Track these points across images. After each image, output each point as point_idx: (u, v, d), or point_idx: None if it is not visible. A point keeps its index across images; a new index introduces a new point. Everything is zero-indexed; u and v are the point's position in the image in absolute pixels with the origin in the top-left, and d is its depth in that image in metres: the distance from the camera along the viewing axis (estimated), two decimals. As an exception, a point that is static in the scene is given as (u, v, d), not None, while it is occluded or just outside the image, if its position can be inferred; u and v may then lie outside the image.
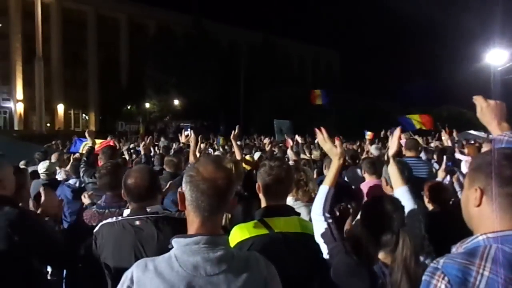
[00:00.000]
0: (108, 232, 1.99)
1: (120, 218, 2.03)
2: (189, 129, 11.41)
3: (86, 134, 4.91)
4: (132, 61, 42.87)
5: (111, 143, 5.32)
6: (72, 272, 3.04)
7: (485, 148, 5.88)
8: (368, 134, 11.81)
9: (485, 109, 1.66)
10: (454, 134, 8.82)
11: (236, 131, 4.64)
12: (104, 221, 2.06)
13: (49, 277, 3.50)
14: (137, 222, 1.97)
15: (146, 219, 1.98)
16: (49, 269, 3.57)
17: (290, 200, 2.74)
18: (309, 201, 3.00)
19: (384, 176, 3.05)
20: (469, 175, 1.26)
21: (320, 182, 3.36)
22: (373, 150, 7.20)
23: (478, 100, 1.69)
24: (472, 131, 15.10)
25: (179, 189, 1.37)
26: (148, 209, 2.03)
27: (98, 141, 5.51)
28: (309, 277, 1.94)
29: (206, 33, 39.61)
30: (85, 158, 4.35)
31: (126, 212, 2.06)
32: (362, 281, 1.65)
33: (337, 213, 3.51)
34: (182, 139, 6.13)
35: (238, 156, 4.37)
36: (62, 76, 40.48)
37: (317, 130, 2.10)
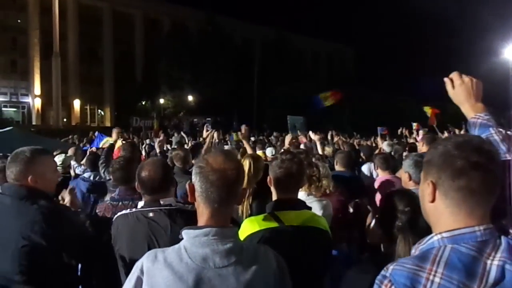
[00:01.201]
0: (122, 223, 2.03)
1: (134, 209, 2.06)
2: (209, 125, 11.46)
3: (113, 131, 4.97)
4: (147, 57, 43.19)
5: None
6: (89, 265, 3.10)
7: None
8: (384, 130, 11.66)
9: (458, 87, 1.46)
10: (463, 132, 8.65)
11: (243, 131, 4.64)
12: (119, 213, 2.10)
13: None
14: (151, 214, 1.99)
15: (160, 210, 2.00)
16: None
17: (303, 195, 2.73)
18: (322, 196, 3.00)
19: (407, 170, 2.98)
20: (423, 168, 1.13)
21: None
22: (385, 146, 7.14)
23: (453, 76, 1.49)
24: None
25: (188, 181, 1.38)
26: (161, 202, 2.05)
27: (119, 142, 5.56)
28: (319, 272, 1.94)
29: (220, 29, 39.65)
30: (103, 156, 4.41)
31: (141, 204, 2.09)
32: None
33: (351, 210, 3.50)
34: (204, 134, 6.18)
35: None
36: (79, 72, 41.07)
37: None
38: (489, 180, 1.02)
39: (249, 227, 1.88)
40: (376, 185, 3.96)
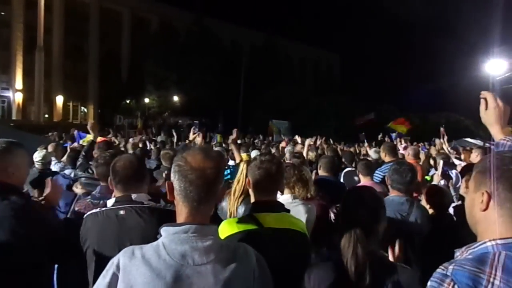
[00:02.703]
0: (92, 222, 1.99)
1: (104, 208, 2.03)
2: (197, 127, 11.35)
3: (88, 127, 4.78)
4: (133, 55, 42.76)
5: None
6: (62, 264, 3.03)
7: (474, 154, 5.85)
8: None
9: (492, 109, 1.56)
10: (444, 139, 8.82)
11: (234, 135, 4.63)
12: (89, 212, 2.05)
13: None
14: (122, 212, 1.96)
15: (131, 209, 1.97)
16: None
17: (288, 198, 2.74)
18: (306, 199, 3.01)
19: (387, 176, 3.07)
20: (476, 178, 1.19)
21: (315, 182, 3.39)
22: (372, 153, 7.24)
23: (488, 97, 1.58)
24: (469, 139, 15.16)
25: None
26: (133, 196, 2.02)
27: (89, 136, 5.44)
28: (297, 274, 1.94)
29: (208, 31, 39.59)
30: (83, 153, 4.32)
31: (111, 201, 2.05)
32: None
33: (333, 215, 3.52)
34: (191, 136, 6.12)
35: (237, 159, 4.35)
36: (62, 67, 40.35)
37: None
38: None
39: (227, 228, 1.86)
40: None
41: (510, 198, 1.09)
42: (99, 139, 4.96)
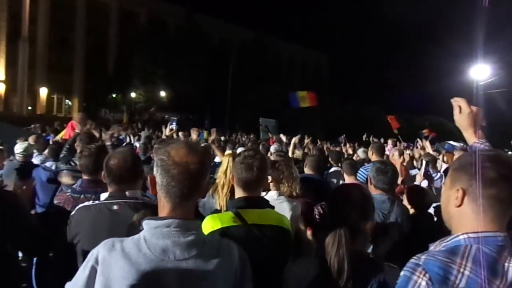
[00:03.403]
0: (84, 215, 1.95)
1: (97, 202, 1.99)
2: (174, 123, 11.26)
3: (76, 120, 4.68)
4: (120, 49, 42.13)
5: (74, 125, 5.05)
6: (43, 258, 2.96)
7: (456, 156, 6.00)
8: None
9: (466, 114, 1.63)
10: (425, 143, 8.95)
11: (213, 135, 4.62)
12: (81, 205, 2.01)
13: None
14: (115, 207, 1.93)
15: (125, 204, 1.94)
16: (19, 254, 3.49)
17: (274, 194, 2.74)
18: (291, 197, 3.02)
19: (369, 175, 3.09)
20: (451, 175, 1.24)
21: (301, 180, 3.40)
22: (360, 153, 7.31)
23: (461, 103, 1.65)
24: (452, 142, 15.44)
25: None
26: (127, 193, 1.99)
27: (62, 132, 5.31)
28: (281, 270, 1.93)
29: (198, 26, 39.33)
30: (67, 145, 4.23)
31: (104, 196, 2.02)
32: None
33: (317, 212, 3.53)
34: (167, 132, 6.06)
35: (220, 158, 4.33)
36: (47, 59, 39.50)
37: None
38: None
39: (211, 224, 1.85)
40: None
41: (483, 194, 1.13)
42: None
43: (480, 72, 19.02)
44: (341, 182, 5.16)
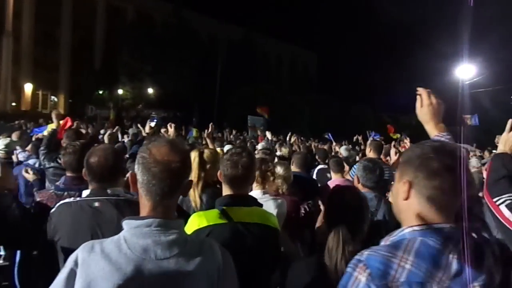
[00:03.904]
0: (64, 212, 1.90)
1: (78, 198, 1.95)
2: (154, 121, 11.15)
3: (53, 115, 4.63)
4: (107, 45, 41.57)
5: (69, 122, 5.02)
6: (25, 256, 2.91)
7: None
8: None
9: (426, 107, 1.59)
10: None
11: (210, 129, 4.61)
12: (61, 201, 1.96)
13: (1, 261, 3.37)
14: (96, 204, 1.89)
15: (107, 201, 1.90)
16: (1, 252, 3.43)
17: (258, 193, 2.73)
18: (276, 195, 3.01)
19: (357, 174, 3.11)
20: (399, 168, 1.23)
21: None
22: (342, 151, 7.36)
23: (423, 94, 1.62)
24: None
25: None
26: (108, 191, 1.95)
27: (52, 125, 5.23)
28: (268, 269, 1.93)
29: (186, 23, 39.05)
30: (46, 141, 4.13)
31: (86, 192, 1.98)
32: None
33: (303, 210, 3.54)
34: (147, 129, 5.99)
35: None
36: (32, 54, 38.77)
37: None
38: (459, 182, 1.12)
39: (196, 222, 1.83)
40: (330, 187, 4.04)
41: (428, 186, 1.13)
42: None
43: (466, 71, 19.30)
44: (328, 179, 5.19)
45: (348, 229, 1.69)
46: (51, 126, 4.59)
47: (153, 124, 5.51)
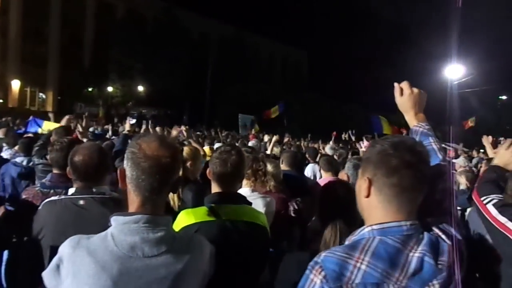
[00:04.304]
0: (49, 210, 1.88)
1: (63, 196, 1.92)
2: (134, 119, 11.09)
3: (64, 119, 4.65)
4: (97, 42, 41.10)
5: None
6: (13, 255, 2.87)
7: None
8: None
9: (407, 96, 1.55)
10: None
11: (185, 134, 4.64)
12: (47, 200, 1.94)
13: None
14: (82, 202, 1.86)
15: (92, 199, 1.88)
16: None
17: (247, 191, 2.73)
18: (265, 193, 3.01)
19: (347, 172, 3.12)
20: (362, 165, 1.22)
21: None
22: (327, 150, 7.40)
23: (403, 85, 1.58)
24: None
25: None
26: (94, 190, 1.93)
27: (55, 124, 5.19)
28: (256, 267, 1.93)
29: (177, 21, 38.83)
30: (44, 138, 4.10)
31: (71, 191, 1.96)
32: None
33: (292, 208, 3.54)
34: (126, 127, 5.94)
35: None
36: (20, 50, 38.15)
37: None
38: (419, 179, 1.10)
39: (184, 219, 1.82)
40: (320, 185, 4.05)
41: (387, 184, 1.10)
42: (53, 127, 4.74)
43: (454, 71, 19.53)
44: (317, 178, 5.21)
45: (344, 221, 1.70)
46: (52, 125, 4.55)
47: (133, 121, 5.47)
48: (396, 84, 1.58)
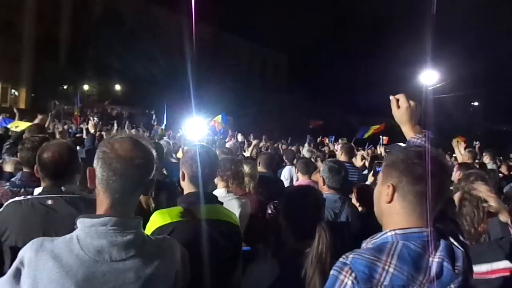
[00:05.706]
0: (13, 211, 1.80)
1: (29, 196, 1.85)
2: (96, 118, 10.89)
3: (39, 117, 4.53)
4: (73, 39, 40.17)
5: None
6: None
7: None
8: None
9: (404, 109, 1.60)
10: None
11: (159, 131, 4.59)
12: (11, 200, 1.86)
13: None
14: (50, 202, 1.79)
15: (61, 198, 1.81)
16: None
17: (222, 191, 2.72)
18: (242, 195, 3.01)
19: (322, 175, 3.14)
20: (384, 171, 1.25)
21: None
22: (305, 152, 7.46)
23: (400, 98, 1.62)
24: (401, 144, 16.13)
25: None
26: (63, 189, 1.87)
27: (26, 124, 5.05)
28: (230, 265, 1.93)
29: (155, 19, 38.43)
30: (14, 138, 3.99)
31: (38, 190, 1.89)
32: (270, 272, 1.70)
33: (269, 211, 3.55)
34: (90, 127, 5.80)
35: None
36: (-9, 45, 36.94)
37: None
38: (441, 188, 1.18)
39: (159, 219, 1.80)
40: (296, 187, 4.07)
41: (412, 191, 1.16)
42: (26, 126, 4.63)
43: (429, 77, 20.04)
44: (294, 180, 5.23)
45: (306, 228, 1.72)
46: (19, 123, 4.42)
47: (96, 121, 5.37)
48: (392, 97, 1.63)
